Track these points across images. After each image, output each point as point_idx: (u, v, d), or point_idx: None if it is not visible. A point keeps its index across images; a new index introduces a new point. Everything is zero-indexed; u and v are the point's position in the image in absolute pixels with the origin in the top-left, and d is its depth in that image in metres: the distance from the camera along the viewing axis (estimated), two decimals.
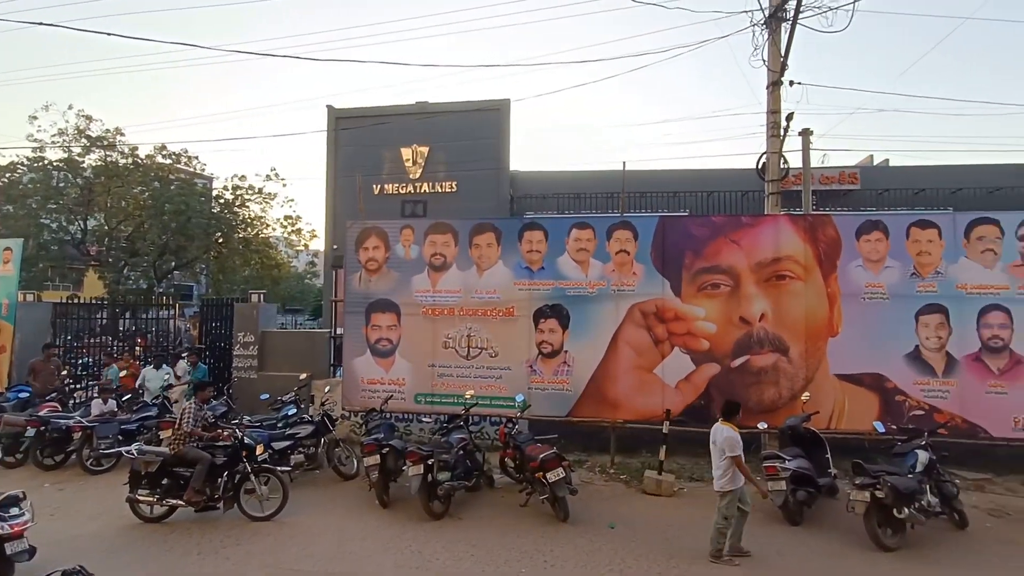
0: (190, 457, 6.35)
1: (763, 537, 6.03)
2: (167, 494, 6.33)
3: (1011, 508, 6.87)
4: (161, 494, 6.32)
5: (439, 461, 6.69)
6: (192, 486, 6.23)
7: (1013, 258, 7.56)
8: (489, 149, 19.43)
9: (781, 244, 8.03)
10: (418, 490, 6.54)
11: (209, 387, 7.02)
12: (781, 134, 8.69)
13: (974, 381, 7.49)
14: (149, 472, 6.34)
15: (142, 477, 6.35)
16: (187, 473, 6.33)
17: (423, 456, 6.62)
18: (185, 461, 6.36)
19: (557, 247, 8.69)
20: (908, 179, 17.63)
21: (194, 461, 6.32)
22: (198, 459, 6.32)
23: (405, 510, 6.82)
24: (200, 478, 6.24)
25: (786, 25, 8.50)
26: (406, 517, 6.66)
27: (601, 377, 8.39)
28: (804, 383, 7.80)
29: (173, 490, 6.35)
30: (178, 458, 6.37)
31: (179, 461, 6.37)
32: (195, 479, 6.23)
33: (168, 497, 6.32)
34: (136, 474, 6.37)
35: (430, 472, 6.62)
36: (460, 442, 7.31)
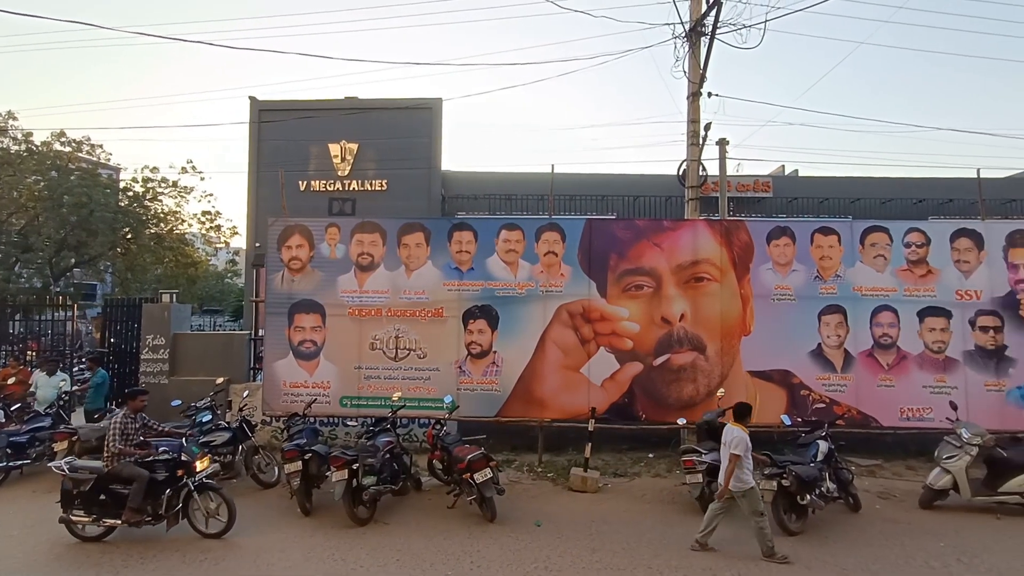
0: (125, 475, 5.87)
1: (679, 527, 6.30)
2: (104, 513, 5.87)
3: (897, 490, 7.53)
4: (98, 513, 5.87)
5: (365, 465, 6.53)
6: (129, 505, 5.79)
7: (900, 263, 8.31)
8: (420, 148, 19.21)
9: (699, 248, 8.44)
10: (342, 496, 6.36)
11: (142, 395, 6.38)
12: (700, 143, 9.13)
13: (867, 376, 8.17)
14: (82, 491, 5.86)
15: (75, 496, 5.87)
16: (124, 491, 5.86)
17: (348, 461, 6.44)
18: (122, 479, 5.88)
19: (487, 248, 8.72)
20: (814, 189, 18.97)
21: (130, 479, 5.85)
22: (134, 477, 5.84)
23: (329, 517, 6.62)
24: (138, 497, 5.80)
25: (705, 39, 8.94)
26: (330, 524, 6.46)
27: (529, 377, 8.49)
28: (720, 380, 8.22)
29: (111, 508, 5.87)
30: (114, 475, 5.89)
31: (115, 479, 5.89)
32: (132, 498, 5.79)
33: (105, 517, 5.87)
34: (68, 493, 5.88)
35: (355, 477, 6.46)
36: (387, 445, 7.16)
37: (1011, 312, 8.13)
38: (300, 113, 18.48)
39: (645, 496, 7.45)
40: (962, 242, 8.27)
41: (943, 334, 8.16)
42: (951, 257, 8.26)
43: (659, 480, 8.03)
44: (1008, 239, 8.25)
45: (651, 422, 8.48)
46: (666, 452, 8.78)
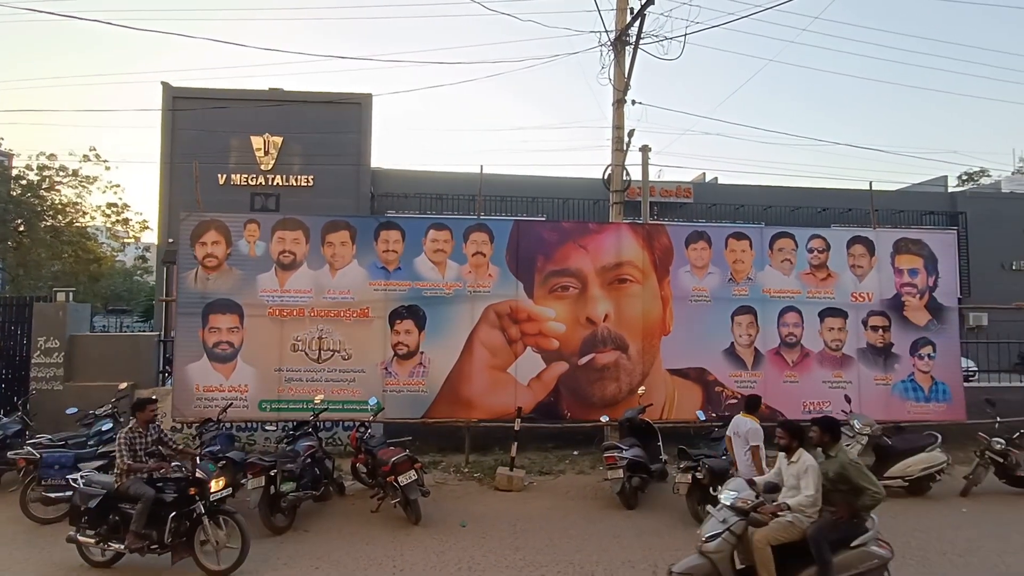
0: (132, 493, 5.22)
1: (601, 523, 6.49)
2: (111, 535, 5.22)
3: None
4: (104, 535, 5.23)
5: (283, 471, 6.29)
6: (132, 528, 5.08)
7: (804, 267, 8.93)
8: (349, 144, 18.76)
9: (623, 250, 8.72)
10: (258, 504, 6.10)
11: (150, 404, 5.78)
12: (624, 148, 9.45)
13: (774, 372, 8.73)
14: (89, 508, 5.25)
15: (82, 513, 5.27)
16: (131, 511, 5.19)
17: (265, 467, 6.19)
18: (130, 498, 5.23)
19: (414, 247, 8.62)
20: (731, 196, 20.08)
21: (136, 498, 5.17)
22: (138, 496, 5.16)
23: None
24: (140, 518, 5.07)
25: (629, 49, 9.26)
26: None
27: (457, 378, 8.47)
28: (641, 378, 8.53)
29: (118, 531, 5.22)
30: (121, 494, 5.27)
31: (123, 497, 5.27)
32: (135, 520, 5.07)
33: (111, 539, 5.22)
34: (76, 508, 5.31)
35: (273, 483, 6.21)
36: (308, 450, 6.94)
37: (897, 313, 8.93)
38: (219, 102, 17.56)
39: (569, 493, 7.61)
40: (857, 248, 9.00)
41: (840, 333, 8.85)
42: (847, 262, 8.97)
43: (583, 477, 8.23)
44: (895, 246, 9.05)
45: (576, 420, 8.68)
46: (590, 449, 9.00)
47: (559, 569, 5.38)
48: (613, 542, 5.98)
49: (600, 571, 5.33)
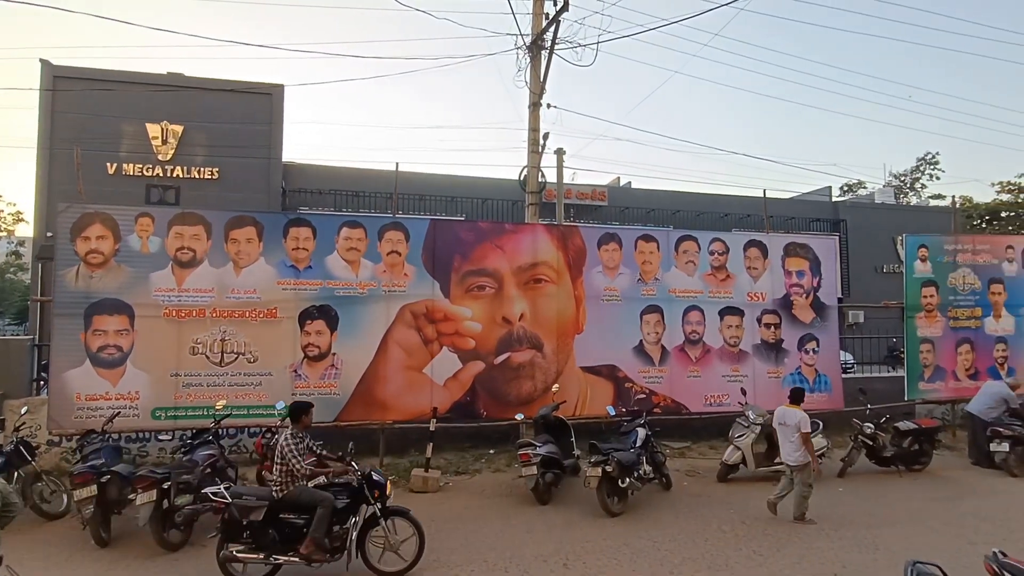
0: (304, 500, 4.95)
1: (515, 519, 6.58)
2: (276, 548, 4.90)
3: (701, 468, 8.60)
4: (270, 548, 4.89)
5: (178, 483, 5.88)
6: (312, 536, 4.82)
7: (706, 269, 9.50)
8: (259, 136, 17.81)
9: (538, 250, 8.88)
10: (149, 520, 5.66)
11: (309, 410, 5.49)
12: (540, 151, 9.62)
13: (679, 368, 9.22)
14: (252, 521, 4.86)
15: (244, 527, 4.86)
16: (298, 521, 4.94)
17: (157, 480, 5.75)
18: (298, 505, 4.95)
19: (326, 245, 8.34)
20: (643, 200, 20.96)
21: (311, 505, 4.92)
22: (317, 502, 4.92)
23: (134, 546, 5.85)
24: (323, 526, 4.86)
25: (545, 53, 9.44)
26: (134, 554, 5.71)
27: (371, 379, 8.28)
28: (555, 376, 8.73)
29: (280, 543, 4.91)
30: (287, 502, 4.95)
31: (288, 506, 4.95)
32: (316, 527, 4.83)
33: (277, 553, 4.88)
34: (235, 524, 4.86)
35: (166, 497, 5.79)
36: (208, 459, 6.53)
37: (787, 312, 9.70)
38: (108, 84, 16.09)
39: (485, 492, 7.65)
40: (752, 251, 9.69)
41: (738, 330, 9.49)
42: (744, 264, 9.63)
43: (499, 475, 8.30)
44: (785, 250, 9.83)
45: (492, 419, 8.74)
46: (506, 447, 9.09)
47: (472, 568, 5.39)
48: (527, 537, 6.08)
49: (513, 567, 5.40)
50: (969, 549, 5.51)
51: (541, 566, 5.41)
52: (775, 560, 5.51)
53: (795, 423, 6.46)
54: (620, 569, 5.34)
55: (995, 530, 6.21)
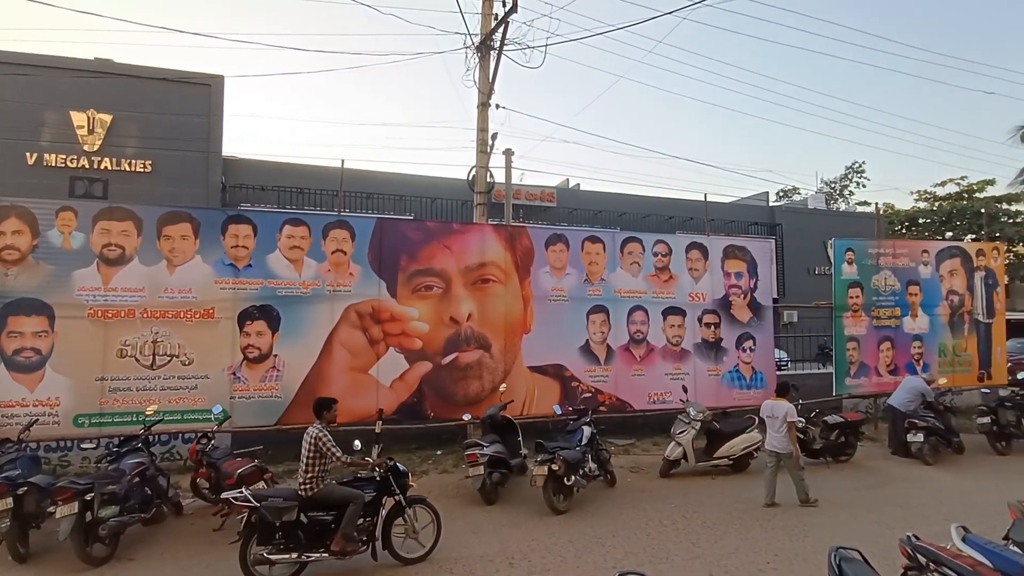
0: (336, 497, 5.07)
1: (461, 520, 6.56)
2: (308, 546, 4.94)
3: (645, 464, 8.83)
4: (303, 547, 4.92)
5: (103, 494, 5.55)
6: (343, 532, 4.95)
7: (650, 270, 9.75)
8: (196, 128, 17.03)
9: (486, 251, 8.89)
10: (70, 534, 5.32)
11: (332, 406, 5.61)
12: (488, 151, 9.64)
13: (624, 367, 9.43)
14: (286, 522, 4.87)
15: (276, 528, 4.85)
16: (326, 517, 5.05)
17: (79, 491, 5.40)
18: (328, 503, 5.05)
19: (268, 243, 8.08)
20: (591, 202, 21.31)
21: (343, 501, 5.05)
22: (350, 498, 5.06)
23: (55, 561, 5.49)
24: (353, 520, 5.00)
25: (494, 54, 9.46)
26: (55, 570, 5.37)
27: (315, 380, 8.08)
28: (503, 376, 8.76)
29: (308, 541, 4.96)
30: (317, 500, 5.02)
31: (317, 504, 5.03)
32: (348, 523, 4.96)
33: (307, 551, 4.92)
34: (269, 526, 4.83)
35: (90, 509, 5.45)
36: (137, 467, 6.20)
37: (725, 312, 10.08)
38: (28, 69, 15.03)
39: (432, 493, 7.53)
40: (694, 253, 10.01)
41: (680, 330, 9.78)
42: (686, 265, 9.94)
43: (446, 476, 8.26)
44: (724, 252, 10.21)
45: (439, 420, 8.69)
46: (454, 448, 9.06)
47: (416, 570, 5.35)
48: (473, 538, 6.07)
49: (459, 568, 5.38)
50: (888, 533, 5.87)
51: (487, 566, 5.42)
52: (713, 551, 5.71)
53: (783, 414, 6.99)
54: (565, 566, 5.41)
55: (910, 515, 6.65)
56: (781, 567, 5.35)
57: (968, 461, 9.15)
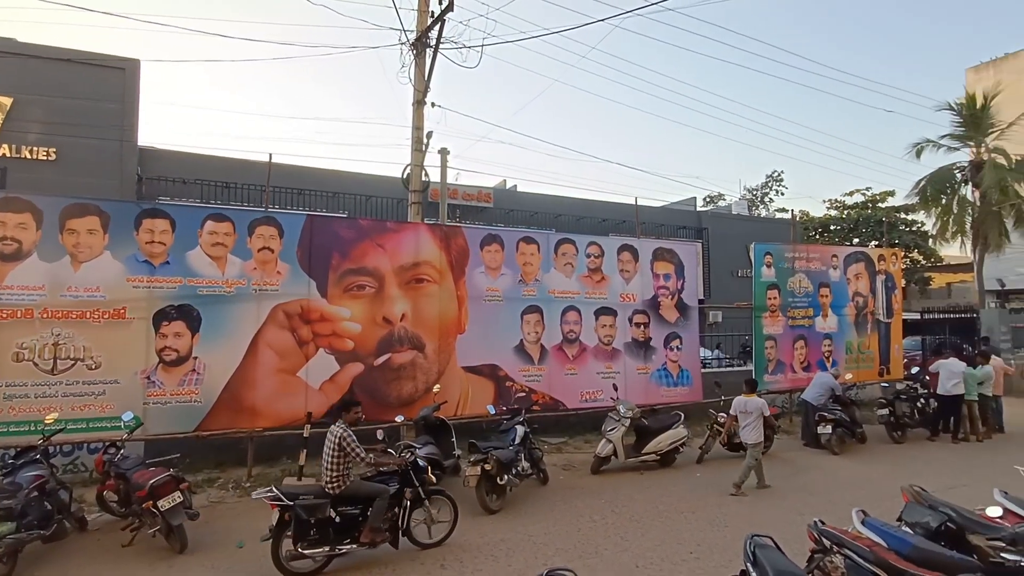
0: (364, 493, 5.41)
1: None
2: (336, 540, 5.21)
3: (577, 462, 9.00)
4: (334, 541, 5.20)
5: None
6: (371, 524, 5.32)
7: (583, 271, 9.95)
8: (109, 115, 15.83)
9: (421, 250, 8.80)
10: None
11: (357, 406, 5.84)
12: (423, 149, 9.54)
13: (557, 366, 9.58)
14: (320, 518, 5.12)
15: (311, 525, 5.07)
16: (354, 511, 5.35)
17: None
18: (356, 498, 5.36)
19: (187, 240, 7.65)
20: (528, 203, 21.49)
21: (370, 496, 5.39)
22: (377, 493, 5.40)
23: None
24: (380, 513, 5.35)
25: (430, 51, 9.37)
26: None
27: (239, 384, 7.72)
28: (437, 376, 8.69)
29: (337, 534, 5.24)
30: (346, 496, 5.32)
31: (346, 500, 5.32)
32: (375, 516, 5.33)
33: (338, 544, 5.20)
34: (304, 523, 5.05)
35: None
36: (35, 480, 5.70)
37: (654, 312, 10.44)
38: None
39: None
40: (625, 255, 10.31)
41: (611, 329, 10.04)
42: (617, 267, 10.22)
43: None
44: (654, 254, 10.58)
45: (371, 422, 8.46)
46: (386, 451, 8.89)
47: (344, 574, 5.22)
48: (404, 541, 5.97)
49: (387, 572, 5.30)
50: (798, 519, 6.25)
51: (417, 569, 5.37)
52: (640, 544, 5.90)
53: (757, 409, 7.72)
54: (496, 565, 5.44)
55: (819, 502, 7.13)
56: (703, 556, 5.60)
57: (870, 450, 9.92)
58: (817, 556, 4.03)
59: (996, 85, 23.86)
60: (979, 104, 20.33)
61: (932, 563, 3.69)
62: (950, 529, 4.31)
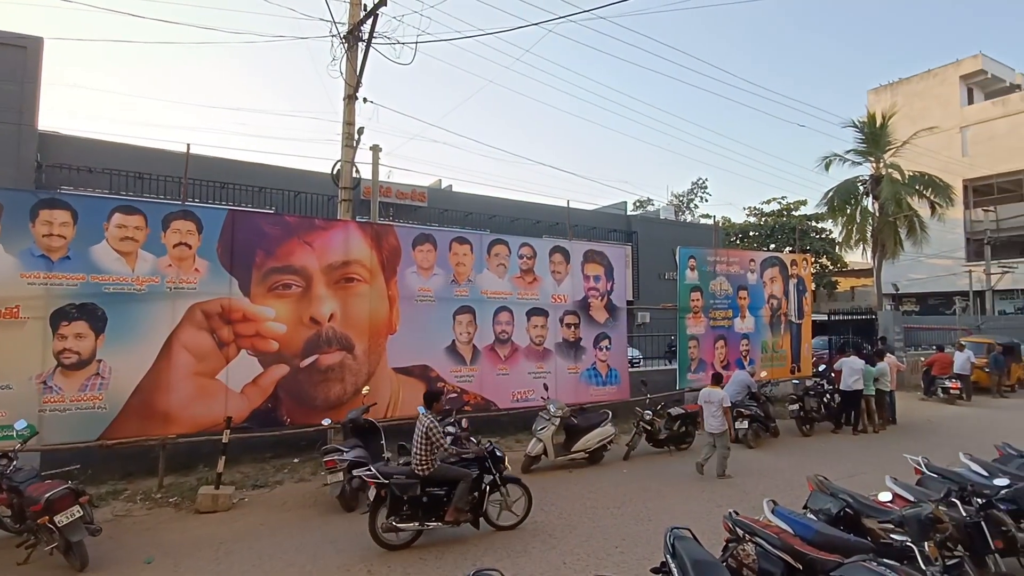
0: (450, 476, 5.94)
1: (318, 530, 6.27)
2: (425, 516, 5.84)
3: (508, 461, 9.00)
4: (421, 517, 5.82)
5: None
6: (455, 505, 5.87)
7: (516, 271, 10.03)
8: (8, 96, 14.50)
9: (351, 249, 8.58)
10: None
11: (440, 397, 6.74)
12: (354, 145, 9.31)
13: (489, 366, 9.61)
14: (411, 496, 5.74)
15: (404, 502, 5.72)
16: (439, 492, 5.90)
17: None
18: (443, 481, 5.91)
19: (92, 233, 7.11)
20: (463, 203, 21.45)
21: (455, 479, 5.94)
22: (459, 477, 5.96)
23: None
24: (464, 495, 5.92)
25: (362, 45, 9.16)
26: None
27: (150, 388, 7.25)
28: (367, 378, 8.51)
29: (428, 511, 5.86)
30: (434, 479, 5.87)
31: (434, 481, 5.88)
32: (459, 497, 5.89)
33: (426, 520, 5.83)
34: (398, 499, 5.71)
35: None
36: None
37: (584, 313, 10.68)
38: None
39: (286, 504, 7.16)
40: (557, 256, 10.48)
41: (543, 330, 10.18)
42: (549, 268, 10.37)
43: (303, 485, 7.84)
44: (584, 256, 10.82)
45: (297, 425, 8.23)
46: (313, 455, 8.61)
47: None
48: (329, 547, 5.83)
49: None
50: (716, 511, 6.57)
51: (344, 575, 5.23)
52: (567, 540, 6.01)
53: (718, 400, 8.23)
54: (425, 567, 5.39)
55: (735, 493, 7.53)
56: (627, 550, 5.78)
57: (781, 443, 10.57)
58: (731, 545, 4.25)
59: (892, 106, 26.16)
60: (878, 123, 22.15)
61: (831, 546, 3.99)
62: (848, 514, 4.67)
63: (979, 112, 34.12)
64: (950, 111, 34.41)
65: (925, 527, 4.15)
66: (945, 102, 34.84)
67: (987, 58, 34.47)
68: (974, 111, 34.35)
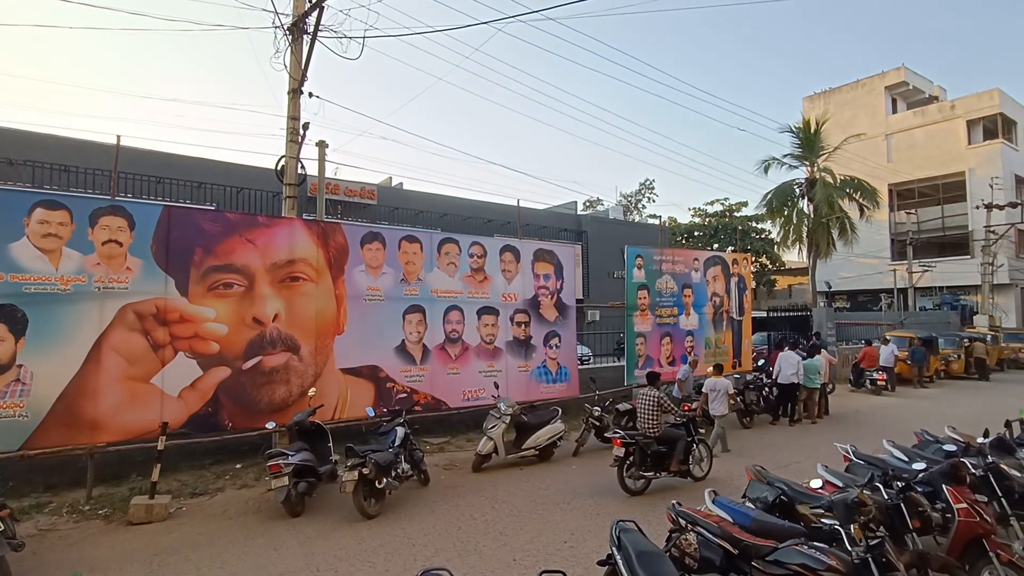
0: (673, 437, 7.62)
1: (261, 537, 6.08)
2: (654, 468, 7.51)
3: (458, 460, 9.04)
4: (654, 468, 7.51)
5: None
6: (678, 459, 7.53)
7: (466, 270, 10.00)
8: None
9: (296, 247, 8.35)
10: None
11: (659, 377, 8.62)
12: (299, 140, 9.05)
13: (440, 366, 9.55)
14: (650, 452, 7.45)
15: (647, 456, 7.46)
16: (662, 449, 7.54)
17: None
18: (668, 440, 7.60)
19: (10, 229, 6.65)
20: (414, 201, 21.21)
21: (676, 440, 7.60)
22: (679, 437, 7.63)
23: None
24: (682, 452, 7.57)
25: (308, 38, 8.92)
26: None
27: (76, 394, 6.84)
28: (313, 379, 8.29)
29: (656, 464, 7.52)
30: (662, 439, 7.59)
31: (662, 441, 7.58)
32: (680, 453, 7.55)
33: (659, 470, 7.51)
34: (644, 454, 7.44)
35: None
36: None
37: (535, 311, 10.76)
38: None
39: (227, 512, 6.90)
40: (507, 255, 10.51)
41: (493, 328, 10.20)
42: (499, 267, 10.39)
43: (246, 491, 7.57)
44: (534, 255, 10.90)
45: (239, 430, 7.94)
46: (256, 460, 8.35)
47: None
48: (273, 555, 5.65)
49: None
50: (660, 504, 6.75)
51: None
52: (518, 537, 6.05)
53: (723, 388, 9.60)
54: (373, 570, 5.31)
55: (677, 484, 7.77)
56: (576, 543, 5.87)
57: None
58: (674, 535, 4.38)
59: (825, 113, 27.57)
60: (812, 129, 23.31)
61: (767, 532, 4.18)
62: (783, 502, 4.90)
63: (901, 121, 36.39)
64: (876, 119, 36.55)
65: (851, 510, 4.40)
66: (872, 111, 36.97)
67: (909, 70, 36.78)
68: (897, 120, 36.62)
